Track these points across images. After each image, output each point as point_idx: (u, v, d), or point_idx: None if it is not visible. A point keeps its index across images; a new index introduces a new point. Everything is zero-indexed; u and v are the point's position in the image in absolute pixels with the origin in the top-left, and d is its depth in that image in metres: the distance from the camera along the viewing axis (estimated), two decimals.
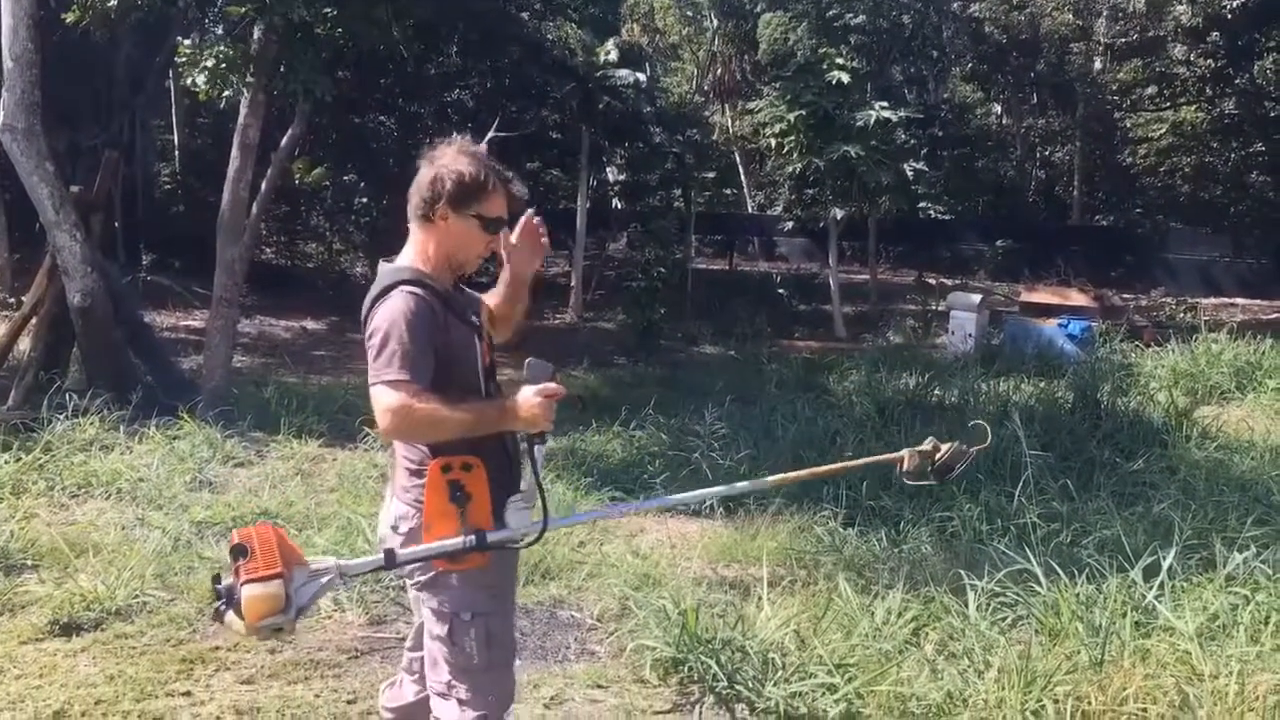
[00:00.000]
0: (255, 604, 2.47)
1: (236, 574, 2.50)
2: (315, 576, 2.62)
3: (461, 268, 2.88)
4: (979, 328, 14.91)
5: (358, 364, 12.95)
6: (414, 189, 2.84)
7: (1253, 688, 3.66)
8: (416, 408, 2.57)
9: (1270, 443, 8.59)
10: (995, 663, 4.24)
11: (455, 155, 2.82)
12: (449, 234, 2.82)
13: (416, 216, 2.84)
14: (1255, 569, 4.74)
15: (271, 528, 2.60)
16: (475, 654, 2.71)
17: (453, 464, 2.66)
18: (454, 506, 2.64)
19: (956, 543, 6.07)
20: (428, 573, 2.72)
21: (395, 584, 5.33)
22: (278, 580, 2.49)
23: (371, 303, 2.75)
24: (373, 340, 2.66)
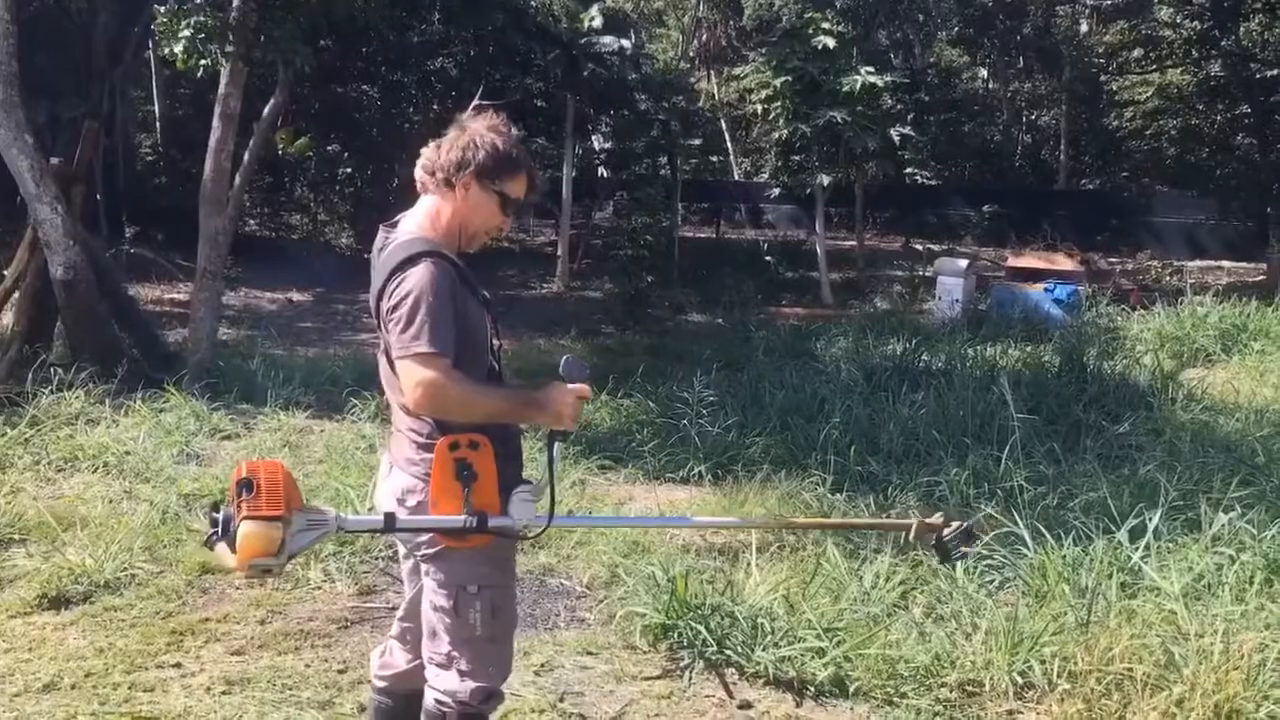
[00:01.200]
0: (251, 542, 2.45)
1: (238, 508, 2.47)
2: (313, 525, 2.60)
3: (470, 241, 2.82)
4: (966, 293, 14.90)
5: (344, 335, 12.94)
6: (438, 152, 2.78)
7: (1237, 646, 3.70)
8: (450, 385, 2.56)
9: (1255, 404, 8.64)
10: (983, 625, 4.28)
11: (487, 127, 2.76)
12: (467, 204, 2.76)
13: (437, 180, 2.77)
14: (1240, 529, 4.79)
15: (281, 466, 2.55)
16: (479, 626, 2.71)
17: (460, 441, 2.62)
18: (459, 485, 2.62)
19: (944, 507, 6.08)
20: (435, 545, 2.69)
21: (384, 554, 5.34)
22: (277, 523, 2.47)
23: (392, 272, 2.65)
24: (398, 312, 2.59)
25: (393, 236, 2.78)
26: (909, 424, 7.42)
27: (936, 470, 6.54)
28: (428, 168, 2.79)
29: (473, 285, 2.76)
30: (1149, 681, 3.71)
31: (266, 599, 4.78)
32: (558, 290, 18.04)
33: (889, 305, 16.39)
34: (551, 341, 12.67)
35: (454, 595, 2.70)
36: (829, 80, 16.72)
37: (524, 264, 20.01)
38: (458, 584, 2.69)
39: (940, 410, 7.70)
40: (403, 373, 2.58)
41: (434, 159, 2.77)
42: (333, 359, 10.47)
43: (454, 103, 18.89)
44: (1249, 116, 20.13)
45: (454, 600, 2.70)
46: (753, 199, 28.06)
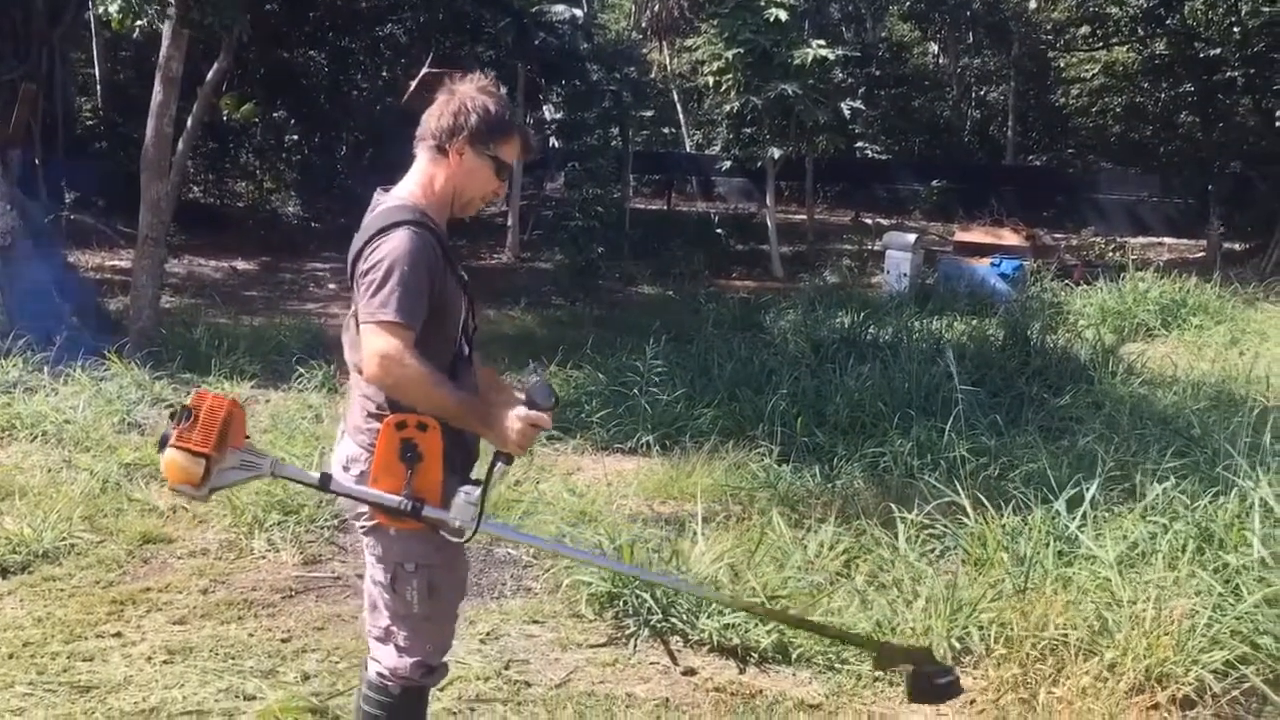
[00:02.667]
0: (172, 469, 2.48)
1: (172, 434, 2.48)
2: (246, 466, 2.60)
3: (464, 208, 2.77)
4: (914, 267, 15.02)
5: (290, 304, 12.80)
6: (430, 117, 2.72)
7: (1168, 612, 3.79)
8: (408, 363, 2.49)
9: (1192, 378, 8.81)
10: (923, 592, 4.34)
11: (478, 90, 2.71)
12: (461, 169, 2.70)
13: (428, 146, 2.71)
14: (1174, 499, 4.88)
15: (228, 406, 2.53)
16: (416, 604, 2.67)
17: (408, 421, 2.57)
18: (402, 465, 2.56)
19: (888, 477, 6.16)
20: (373, 519, 2.64)
21: (330, 524, 5.32)
22: (201, 459, 2.47)
23: (370, 237, 2.59)
24: (370, 276, 2.53)
25: (385, 197, 2.72)
26: (855, 396, 7.48)
27: (882, 441, 6.60)
28: (420, 134, 2.73)
29: (452, 261, 2.70)
30: (1082, 646, 3.80)
31: (209, 568, 4.75)
32: (507, 261, 17.95)
33: (838, 279, 16.49)
34: (501, 313, 12.62)
35: (391, 571, 2.66)
36: (780, 53, 16.71)
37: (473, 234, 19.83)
38: (395, 561, 2.65)
39: (886, 382, 7.77)
40: (364, 338, 2.52)
41: (424, 123, 2.72)
42: (279, 328, 10.36)
43: (402, 70, 18.68)
44: (1192, 95, 20.40)
45: (391, 576, 2.66)
46: (704, 171, 28.02)
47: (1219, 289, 13.52)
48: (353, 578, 4.80)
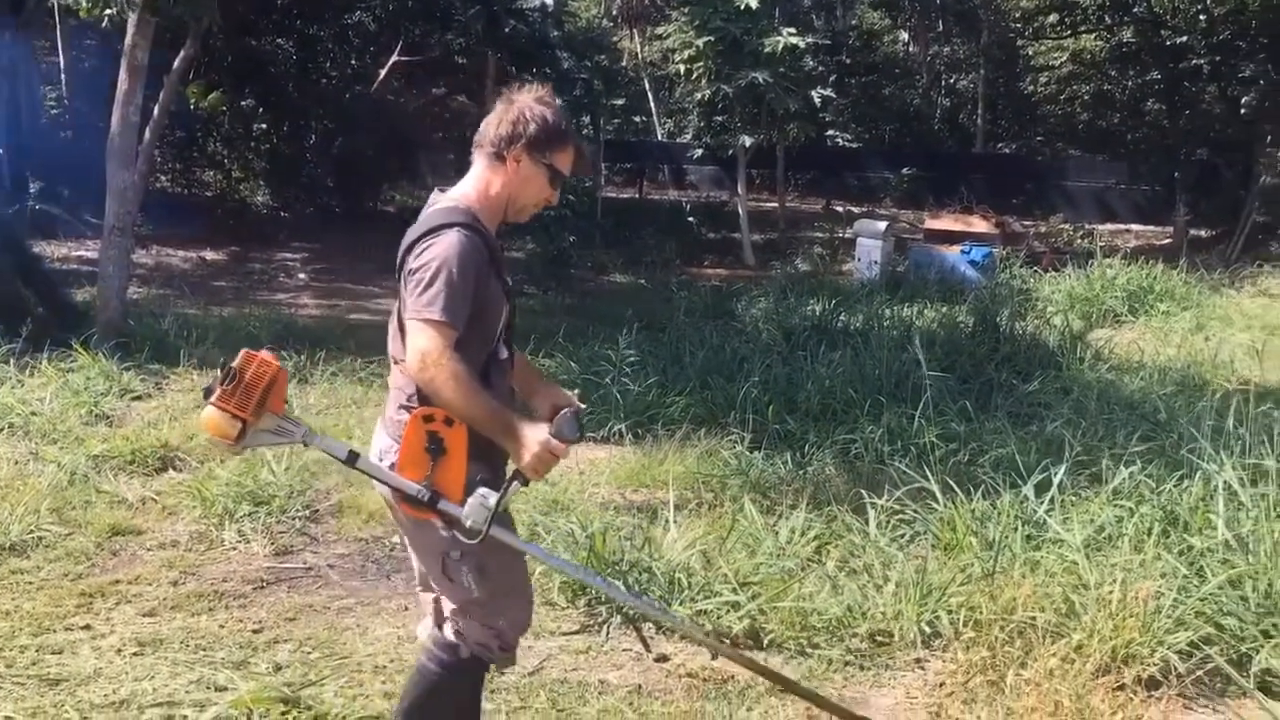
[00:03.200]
0: (210, 425, 2.63)
1: (216, 389, 2.62)
2: (281, 431, 2.70)
3: (517, 214, 2.85)
4: (884, 255, 15.09)
5: (260, 294, 12.71)
6: (489, 124, 2.79)
7: (1134, 594, 3.84)
8: (446, 363, 2.55)
9: (1159, 363, 8.91)
10: (893, 577, 4.38)
11: (535, 100, 2.78)
12: (517, 176, 2.78)
13: (487, 154, 2.78)
14: (1140, 483, 4.94)
15: (273, 371, 2.64)
16: (474, 588, 2.72)
17: (435, 415, 2.62)
18: (427, 457, 2.62)
19: (859, 464, 6.21)
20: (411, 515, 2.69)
21: (301, 515, 5.31)
22: (239, 422, 2.60)
23: (421, 236, 2.67)
24: (420, 274, 2.61)
25: (440, 197, 2.80)
26: (826, 383, 7.51)
27: (853, 428, 6.65)
28: (478, 140, 2.80)
29: (500, 265, 2.77)
30: (1050, 629, 3.84)
31: (179, 560, 4.73)
32: None
33: (809, 266, 16.54)
34: None
35: (441, 562, 2.72)
36: (751, 41, 16.72)
37: None
38: (442, 552, 2.71)
39: (857, 369, 7.81)
40: (409, 333, 2.61)
41: (483, 130, 2.79)
42: (249, 318, 10.29)
43: (371, 58, 18.56)
44: (1159, 83, 20.56)
45: (441, 566, 2.72)
46: (676, 160, 28.01)
47: (1185, 275, 13.66)
48: (324, 568, 4.79)
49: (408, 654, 3.91)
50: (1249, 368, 8.49)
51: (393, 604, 4.44)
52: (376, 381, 7.80)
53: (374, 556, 4.99)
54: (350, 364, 8.20)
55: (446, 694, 2.85)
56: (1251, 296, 13.37)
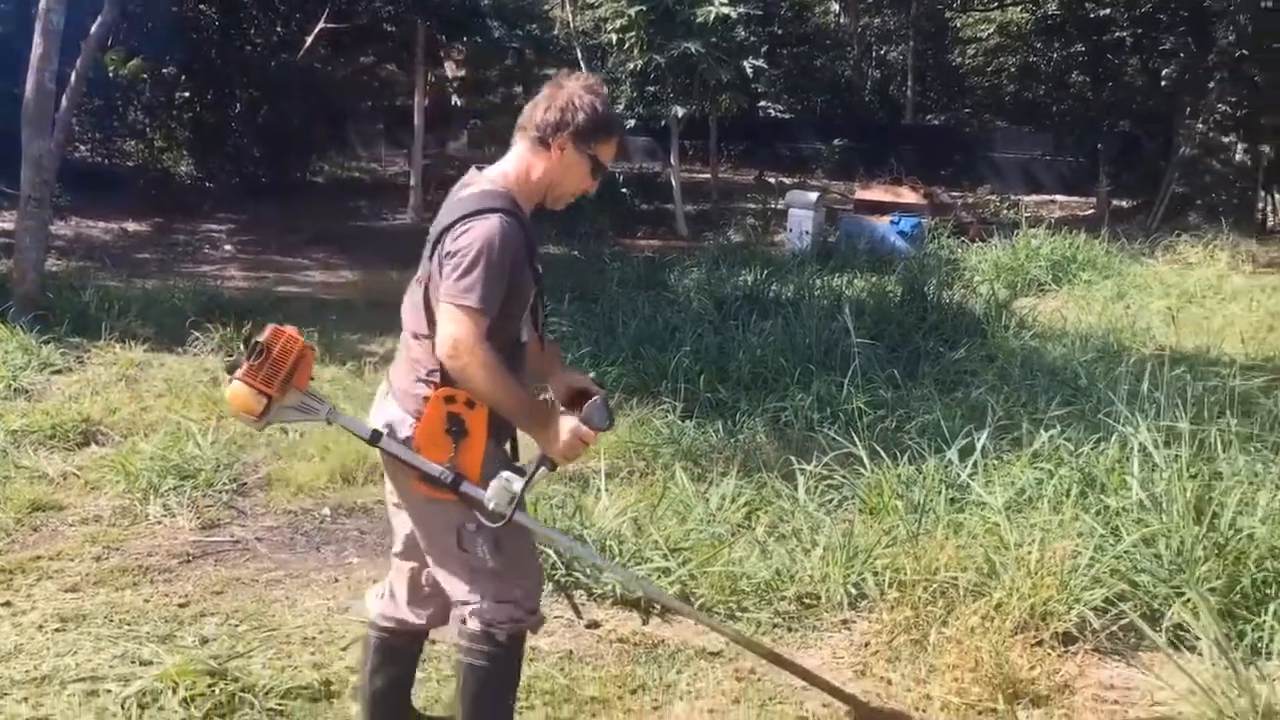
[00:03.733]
0: (236, 400, 2.68)
1: (242, 364, 2.66)
2: (304, 408, 2.75)
3: (555, 201, 2.86)
4: (816, 225, 15.21)
5: (185, 266, 12.45)
6: (535, 108, 2.78)
7: (1052, 553, 3.95)
8: (479, 351, 2.58)
9: (1080, 330, 9.11)
10: (821, 541, 4.45)
11: (584, 88, 2.78)
12: (560, 164, 2.78)
13: (530, 138, 2.77)
14: (1060, 446, 5.06)
15: (300, 348, 2.70)
16: (488, 559, 2.73)
17: (457, 396, 2.65)
18: (448, 438, 2.65)
19: (789, 431, 6.28)
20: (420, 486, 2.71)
21: (228, 488, 5.24)
22: (265, 397, 2.65)
23: (462, 217, 2.65)
24: (458, 259, 2.60)
25: (477, 177, 2.79)
26: (758, 352, 7.58)
27: (783, 396, 6.71)
28: (521, 123, 2.80)
29: (534, 251, 2.78)
30: (971, 588, 3.94)
31: (103, 535, 4.65)
32: (411, 221, 17.65)
33: (742, 237, 16.62)
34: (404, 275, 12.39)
35: (456, 534, 2.72)
36: (683, 10, 16.66)
37: (375, 195, 19.51)
38: (456, 524, 2.72)
39: (788, 338, 7.88)
40: (442, 317, 2.62)
41: (528, 114, 2.79)
42: (173, 290, 10.08)
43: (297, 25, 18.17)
44: (1083, 55, 20.89)
45: (457, 538, 2.73)
46: None
47: (1107, 245, 13.96)
48: (252, 541, 4.75)
49: (337, 625, 3.91)
50: (1165, 334, 8.72)
51: (322, 576, 4.41)
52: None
53: (303, 529, 4.95)
54: None
55: (501, 680, 2.86)
56: (1170, 265, 13.69)
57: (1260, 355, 7.78)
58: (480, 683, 2.80)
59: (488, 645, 2.77)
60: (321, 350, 7.85)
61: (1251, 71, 17.68)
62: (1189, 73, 18.31)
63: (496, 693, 2.86)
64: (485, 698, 2.83)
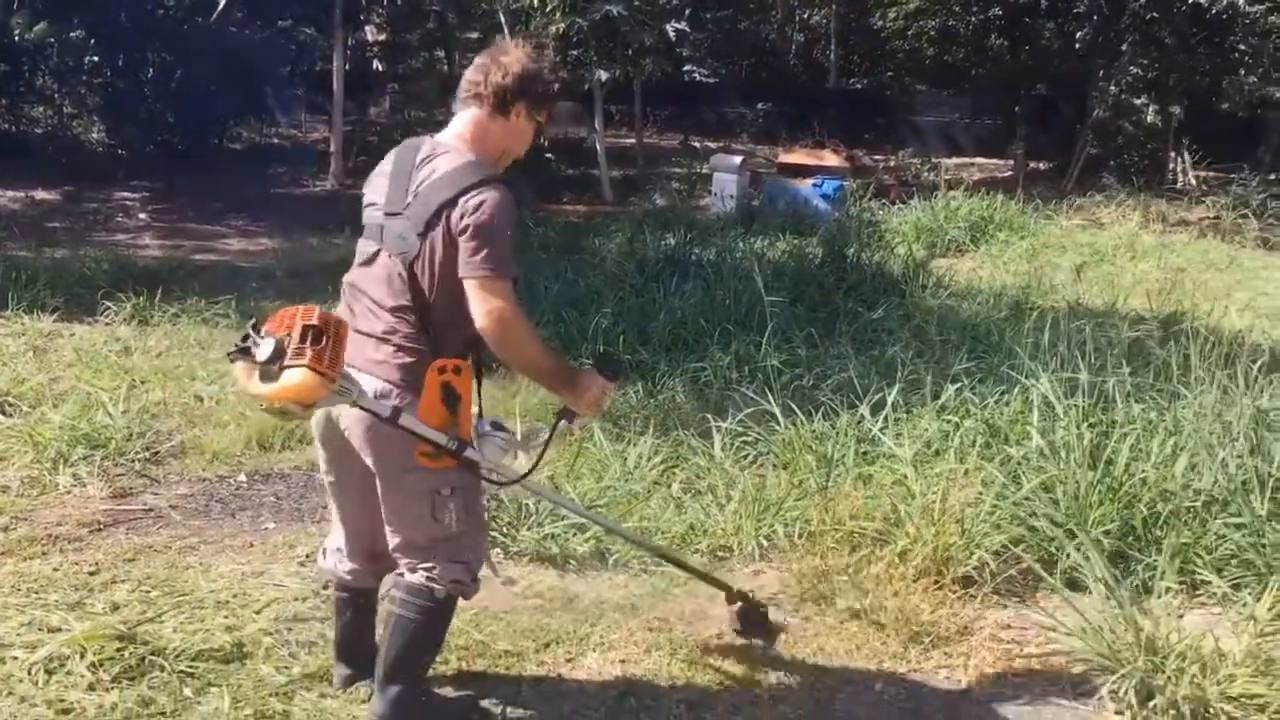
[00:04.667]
0: (301, 389, 2.53)
1: (301, 351, 2.52)
2: (340, 391, 2.65)
3: (502, 163, 2.94)
4: (740, 189, 15.28)
5: (97, 235, 12.17)
6: (490, 74, 2.85)
7: (953, 501, 4.07)
8: (519, 320, 2.72)
9: (994, 289, 9.31)
10: (735, 496, 4.54)
11: (530, 55, 2.89)
12: (513, 130, 2.89)
13: (488, 105, 2.85)
14: (967, 399, 5.20)
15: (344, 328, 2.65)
16: (454, 523, 2.84)
17: (446, 366, 2.74)
18: (444, 408, 2.73)
19: (708, 391, 6.35)
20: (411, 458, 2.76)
21: (140, 456, 5.18)
22: (329, 384, 2.55)
23: (463, 192, 2.71)
24: (481, 233, 2.68)
25: (440, 146, 2.84)
26: (678, 314, 7.63)
27: (703, 357, 6.78)
28: (472, 90, 2.86)
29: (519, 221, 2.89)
30: (877, 537, 4.05)
31: (10, 505, 4.57)
32: (332, 188, 17.40)
33: (667, 201, 16.63)
34: (325, 240, 12.28)
35: (429, 499, 2.81)
36: None
37: (294, 160, 19.16)
38: (432, 489, 2.80)
39: (708, 300, 7.95)
40: (479, 292, 2.69)
41: (479, 80, 2.85)
42: (84, 260, 9.86)
43: None
44: (1000, 19, 21.12)
45: (430, 504, 2.81)
46: None
47: (1023, 206, 14.24)
48: (166, 509, 4.71)
49: (252, 589, 3.90)
50: (1075, 291, 8.95)
51: (237, 541, 4.39)
52: (222, 322, 7.61)
53: (218, 496, 4.92)
54: (195, 304, 7.95)
55: (428, 636, 2.96)
56: (1084, 224, 14.02)
57: (1163, 310, 8.02)
58: (407, 634, 2.89)
59: (425, 600, 2.86)
60: (239, 318, 7.75)
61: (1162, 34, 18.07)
62: (1102, 36, 18.65)
63: (420, 647, 2.96)
64: (410, 649, 2.92)
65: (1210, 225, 14.24)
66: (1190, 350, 5.27)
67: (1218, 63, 18.75)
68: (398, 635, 2.88)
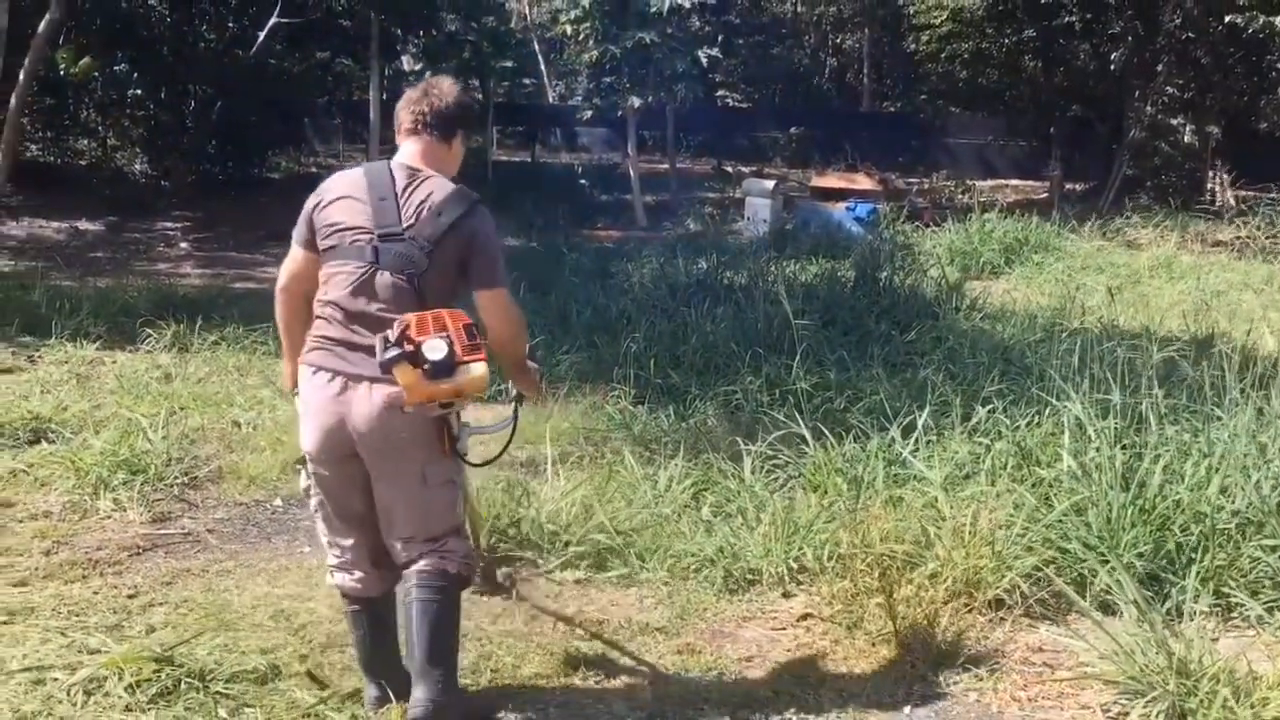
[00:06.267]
0: (481, 381, 2.87)
1: (475, 348, 2.84)
2: None
3: None
4: (773, 213, 15.35)
5: (139, 265, 12.39)
6: (433, 103, 3.12)
7: (984, 523, 4.06)
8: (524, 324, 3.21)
9: (1028, 311, 9.26)
10: (765, 519, 4.54)
11: (458, 87, 3.20)
12: (454, 155, 3.20)
13: (435, 135, 3.12)
14: (998, 421, 5.18)
15: None
16: (460, 509, 3.20)
17: None
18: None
19: (738, 414, 6.35)
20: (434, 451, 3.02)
21: (179, 481, 5.27)
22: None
23: (467, 211, 3.00)
24: (488, 250, 3.04)
25: (419, 170, 3.06)
26: (710, 338, 7.66)
27: (734, 380, 6.79)
28: (423, 120, 3.11)
29: None
30: (908, 559, 4.04)
31: (52, 530, 4.66)
32: None
33: (700, 226, 16.70)
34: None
35: (449, 489, 3.10)
36: (637, 1, 16.72)
37: None
38: (448, 479, 3.10)
39: (740, 324, 7.97)
40: (498, 302, 3.06)
41: (425, 111, 3.11)
42: (126, 289, 10.04)
43: (250, 20, 18.05)
44: (1035, 40, 21.10)
45: (449, 493, 3.11)
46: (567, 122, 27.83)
47: (1059, 227, 14.18)
48: (203, 533, 4.78)
49: (287, 612, 3.95)
50: (1110, 313, 8.88)
51: (273, 565, 4.45)
52: (260, 349, 7.72)
53: (255, 520, 4.99)
54: (234, 332, 8.06)
55: (451, 616, 3.11)
56: (1119, 246, 13.92)
57: (1198, 331, 7.94)
58: (433, 616, 3.03)
59: (442, 580, 3.06)
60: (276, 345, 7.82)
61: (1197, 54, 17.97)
62: (1137, 56, 18.57)
63: (447, 627, 3.09)
64: (439, 630, 3.04)
65: (1247, 245, 14.09)
66: (1225, 371, 5.22)
67: (1255, 82, 18.62)
68: (425, 620, 3.02)
